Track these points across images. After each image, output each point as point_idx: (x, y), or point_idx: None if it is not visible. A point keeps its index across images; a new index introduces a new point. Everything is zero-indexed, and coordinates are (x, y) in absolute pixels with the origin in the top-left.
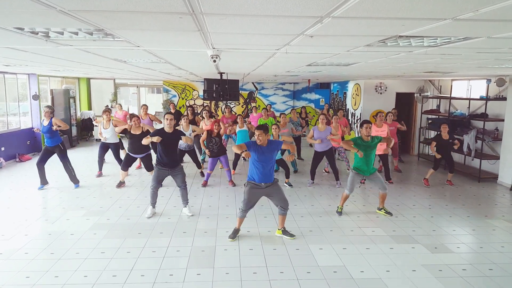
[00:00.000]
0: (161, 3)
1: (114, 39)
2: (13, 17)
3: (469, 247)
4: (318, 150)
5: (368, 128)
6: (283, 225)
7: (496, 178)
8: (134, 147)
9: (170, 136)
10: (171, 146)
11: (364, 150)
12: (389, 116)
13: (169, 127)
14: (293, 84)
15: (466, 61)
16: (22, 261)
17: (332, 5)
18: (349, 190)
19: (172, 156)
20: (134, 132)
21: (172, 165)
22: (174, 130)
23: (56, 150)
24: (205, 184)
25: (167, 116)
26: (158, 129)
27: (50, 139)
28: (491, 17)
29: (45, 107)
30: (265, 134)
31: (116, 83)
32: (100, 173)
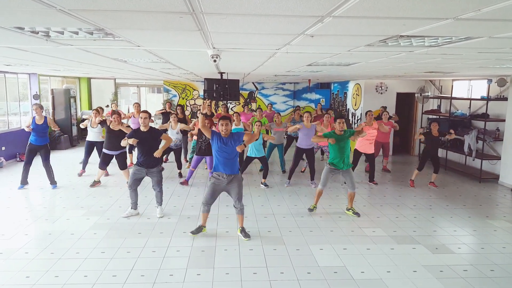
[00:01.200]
0: (162, 3)
1: (115, 39)
2: (13, 17)
3: (470, 248)
4: (301, 146)
5: (341, 123)
6: (241, 224)
7: (497, 179)
8: (110, 143)
9: (145, 135)
10: (147, 145)
11: (337, 144)
12: (384, 115)
13: (144, 126)
14: (294, 84)
15: (467, 61)
16: (22, 261)
17: (333, 5)
18: (322, 185)
19: (148, 155)
20: (112, 128)
21: (149, 164)
22: (150, 129)
23: (43, 150)
24: (185, 183)
25: (141, 115)
26: (134, 129)
27: (41, 138)
28: (493, 17)
29: (34, 104)
30: (230, 124)
31: (117, 83)
32: (83, 171)
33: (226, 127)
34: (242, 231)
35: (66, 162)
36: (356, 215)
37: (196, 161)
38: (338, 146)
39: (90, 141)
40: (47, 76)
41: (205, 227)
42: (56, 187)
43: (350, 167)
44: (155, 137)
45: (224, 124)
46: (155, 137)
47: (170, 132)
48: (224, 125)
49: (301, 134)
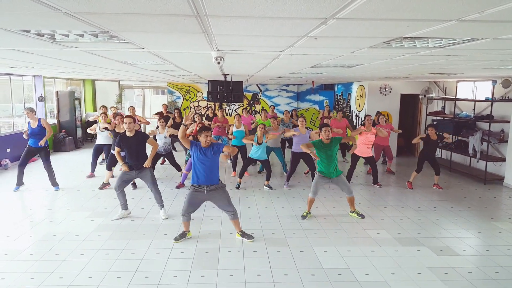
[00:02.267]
0: (166, 6)
1: (119, 41)
2: (19, 20)
3: (475, 250)
4: (295, 151)
5: (327, 132)
6: (240, 229)
7: (502, 180)
8: None
9: (131, 140)
10: (134, 149)
11: (324, 153)
12: (381, 118)
13: (129, 130)
14: (297, 86)
15: (472, 62)
16: (27, 262)
17: (337, 7)
18: (313, 193)
19: (135, 159)
20: (118, 131)
21: (137, 166)
22: (136, 133)
23: (42, 152)
24: (180, 186)
25: (125, 120)
26: (120, 135)
27: (39, 140)
28: (497, 18)
29: (25, 109)
30: (210, 137)
31: (121, 85)
32: (92, 174)
33: (207, 139)
34: (242, 235)
35: (71, 164)
36: (360, 216)
37: (190, 164)
38: (326, 154)
39: (98, 144)
40: (52, 78)
41: (189, 231)
42: (59, 188)
43: (341, 174)
44: (142, 140)
45: (207, 136)
46: (141, 140)
47: (158, 136)
48: (207, 137)
49: (295, 140)
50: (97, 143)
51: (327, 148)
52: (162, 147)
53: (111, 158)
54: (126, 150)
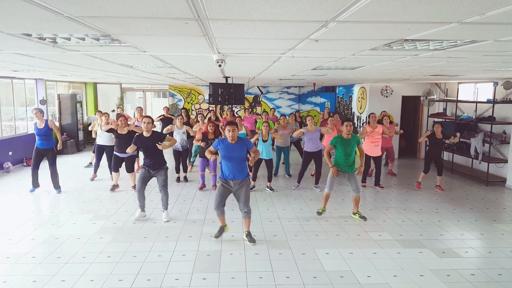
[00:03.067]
0: (167, 9)
1: (121, 45)
2: (21, 23)
3: (478, 252)
4: (308, 150)
5: (349, 126)
6: (248, 229)
7: (504, 182)
8: (120, 146)
9: (149, 140)
10: (151, 149)
11: (343, 148)
12: (385, 119)
13: (146, 131)
14: (299, 88)
15: (473, 64)
16: (29, 265)
17: (337, 10)
18: (329, 188)
19: (153, 158)
20: (120, 132)
21: (154, 167)
22: (152, 133)
23: (49, 153)
24: (202, 187)
25: (144, 120)
26: (137, 134)
27: (45, 141)
28: (498, 20)
29: (33, 110)
30: (237, 130)
31: (123, 88)
32: (95, 175)
33: (233, 133)
34: (248, 235)
35: (73, 167)
36: (362, 219)
37: (202, 164)
38: (344, 151)
39: (100, 144)
40: (54, 82)
41: (226, 225)
42: (60, 192)
43: (355, 172)
44: (158, 140)
45: (231, 130)
46: (158, 140)
47: (176, 131)
48: (231, 131)
49: (306, 139)
50: (98, 144)
51: (346, 144)
52: (180, 143)
53: (115, 160)
54: (142, 150)
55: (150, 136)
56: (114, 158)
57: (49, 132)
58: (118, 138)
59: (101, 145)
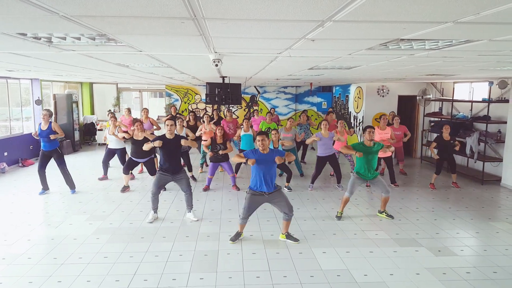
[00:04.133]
0: (163, 8)
1: (117, 44)
2: (16, 23)
3: (473, 250)
4: (321, 155)
5: (371, 133)
6: (287, 230)
7: (499, 181)
8: (137, 152)
9: (172, 142)
10: (173, 152)
11: (365, 156)
12: (395, 120)
13: (170, 133)
14: (295, 88)
15: (468, 63)
16: (25, 266)
17: (333, 9)
18: (349, 192)
19: (174, 162)
20: (136, 138)
21: (174, 170)
22: (175, 136)
23: (54, 155)
24: (206, 189)
25: (167, 122)
26: (159, 136)
27: (48, 143)
28: (493, 20)
29: (43, 110)
30: (267, 139)
31: (119, 88)
32: (105, 176)
33: (263, 143)
34: (288, 236)
35: (69, 167)
36: (390, 217)
37: (213, 168)
38: (366, 158)
39: (111, 148)
40: (50, 81)
41: (242, 233)
42: (75, 191)
43: (377, 175)
44: (180, 143)
45: (261, 140)
46: (180, 144)
47: None
48: (261, 141)
49: (319, 144)
50: (110, 147)
51: (368, 151)
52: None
53: (130, 163)
54: (162, 153)
55: (174, 138)
56: (129, 161)
57: (51, 134)
58: (134, 144)
59: (112, 149)
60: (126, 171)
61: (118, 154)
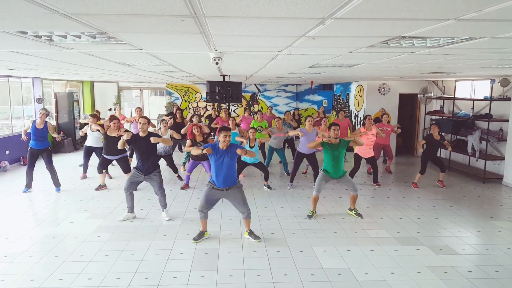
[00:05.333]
0: (164, 6)
1: (117, 42)
2: (16, 21)
3: (475, 249)
4: (302, 151)
5: (336, 130)
6: (249, 228)
7: (501, 179)
8: (109, 149)
9: (143, 140)
10: (145, 151)
11: (331, 153)
12: (384, 118)
13: (142, 131)
14: (296, 86)
15: (470, 61)
16: (26, 264)
17: (334, 7)
18: (316, 191)
19: (146, 161)
20: (110, 134)
21: (147, 170)
22: (148, 134)
23: (44, 153)
24: (185, 187)
25: (140, 120)
26: (133, 134)
27: (41, 142)
28: (495, 17)
29: (41, 109)
30: (230, 137)
31: (120, 86)
32: (85, 176)
33: (226, 139)
34: (250, 233)
35: (70, 166)
36: (358, 216)
37: (192, 165)
38: (332, 155)
39: (88, 146)
40: (50, 80)
41: (206, 231)
42: (60, 189)
43: (345, 173)
44: (151, 142)
45: (227, 136)
46: (151, 142)
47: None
48: (227, 137)
49: (302, 139)
50: (87, 145)
51: (334, 148)
52: (162, 149)
53: (102, 161)
54: (136, 151)
55: (146, 136)
56: (102, 159)
57: (45, 133)
58: (106, 139)
59: (90, 147)
60: (100, 170)
61: (97, 152)
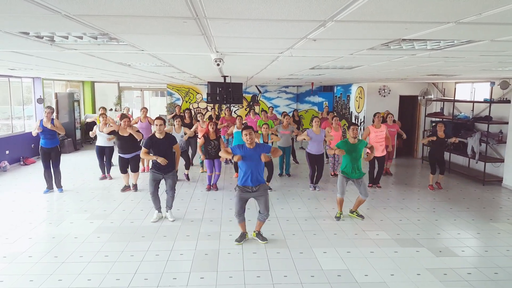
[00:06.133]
0: (166, 8)
1: (119, 43)
2: (19, 22)
3: (474, 251)
4: (312, 152)
5: (355, 130)
6: (259, 229)
7: (500, 181)
8: (122, 147)
9: (161, 142)
10: (163, 152)
11: (350, 154)
12: (389, 118)
13: (159, 132)
14: (297, 87)
15: (470, 64)
16: (26, 265)
17: (335, 9)
18: (340, 193)
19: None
20: (122, 134)
21: (165, 170)
22: (166, 135)
23: (53, 152)
24: (209, 188)
25: (156, 122)
26: (149, 136)
27: (50, 140)
28: (494, 20)
29: (46, 107)
30: (253, 133)
31: (120, 87)
32: (104, 176)
33: (250, 137)
34: (258, 235)
35: (70, 166)
36: (360, 217)
37: (210, 165)
38: (351, 156)
39: (99, 146)
40: (51, 80)
41: (247, 233)
42: (62, 191)
43: (362, 176)
44: (171, 143)
45: (248, 134)
46: (170, 143)
47: (175, 135)
48: (248, 135)
49: (311, 142)
50: (98, 145)
51: (353, 149)
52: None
53: (121, 162)
54: (154, 152)
55: (164, 138)
56: (120, 160)
57: (54, 131)
58: (119, 140)
59: (101, 146)
60: (123, 170)
61: (107, 153)
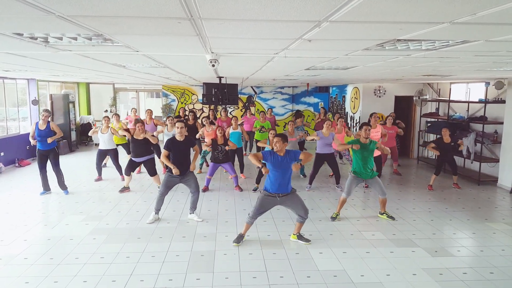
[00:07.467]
0: (160, 8)
1: (113, 44)
2: (12, 23)
3: (470, 251)
4: (320, 152)
5: (367, 130)
6: (299, 231)
7: (495, 181)
8: (136, 151)
9: (181, 144)
10: (182, 154)
11: (361, 154)
12: (388, 120)
13: (180, 135)
14: (292, 88)
15: (464, 64)
16: (21, 267)
17: (330, 10)
18: (347, 193)
19: (182, 164)
20: (136, 137)
21: (183, 173)
22: (185, 138)
23: (51, 154)
24: (205, 189)
25: (177, 125)
26: (170, 138)
27: (46, 142)
28: (489, 21)
29: (43, 110)
30: (282, 142)
31: (116, 88)
32: (100, 178)
33: (280, 145)
34: (300, 237)
35: (65, 168)
36: (390, 218)
37: (213, 168)
38: (362, 155)
39: (102, 149)
40: (46, 82)
41: (245, 235)
42: (68, 192)
43: (376, 175)
44: (189, 146)
45: (279, 141)
46: (189, 146)
47: (166, 133)
48: (279, 142)
49: (319, 142)
50: (101, 148)
51: (364, 148)
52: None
53: (130, 164)
54: (172, 155)
55: (184, 141)
56: (130, 162)
57: (50, 134)
58: (133, 143)
59: (104, 150)
60: (128, 172)
61: (111, 155)
